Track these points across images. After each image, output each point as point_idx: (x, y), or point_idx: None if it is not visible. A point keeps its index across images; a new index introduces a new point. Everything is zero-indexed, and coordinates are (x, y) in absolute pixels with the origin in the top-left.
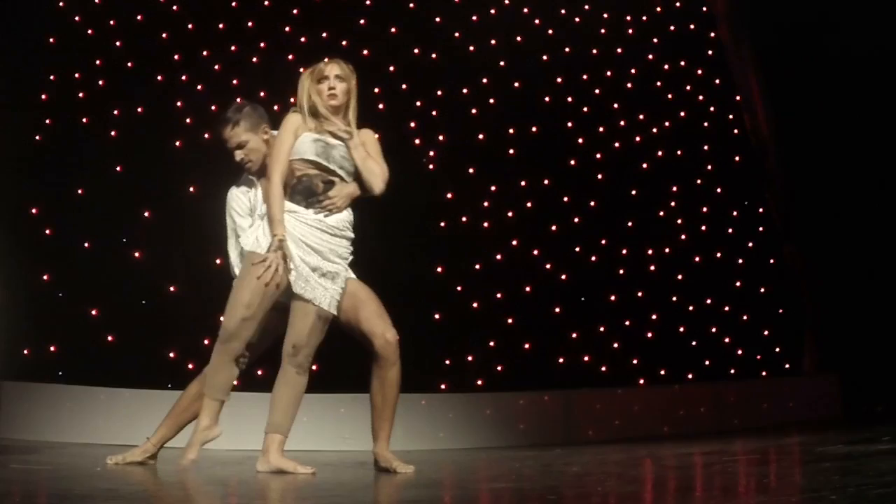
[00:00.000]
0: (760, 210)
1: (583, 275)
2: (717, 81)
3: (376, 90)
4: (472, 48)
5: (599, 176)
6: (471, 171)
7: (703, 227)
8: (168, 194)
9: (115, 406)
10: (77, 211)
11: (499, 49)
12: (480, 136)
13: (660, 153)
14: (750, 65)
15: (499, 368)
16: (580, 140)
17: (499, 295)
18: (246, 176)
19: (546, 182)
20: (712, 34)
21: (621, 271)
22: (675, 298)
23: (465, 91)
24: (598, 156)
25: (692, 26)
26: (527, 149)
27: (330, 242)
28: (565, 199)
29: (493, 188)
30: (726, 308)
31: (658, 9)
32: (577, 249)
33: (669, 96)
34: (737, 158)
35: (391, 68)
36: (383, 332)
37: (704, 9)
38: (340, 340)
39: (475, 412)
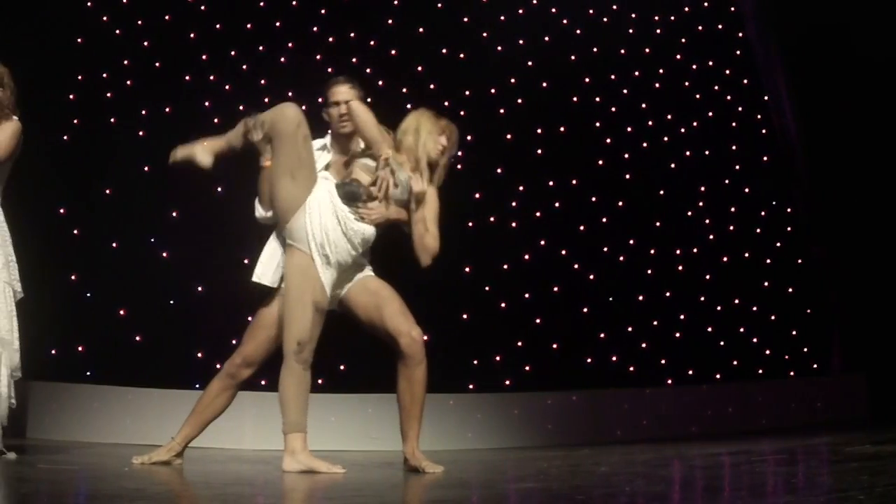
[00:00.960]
0: (788, 210)
1: (611, 275)
2: (745, 81)
3: (404, 90)
4: (499, 48)
5: (627, 176)
6: (499, 170)
7: (731, 227)
8: (196, 194)
9: (142, 406)
10: (105, 211)
11: (527, 49)
12: (508, 136)
13: (688, 153)
14: (778, 64)
15: (527, 368)
16: (608, 140)
17: (527, 295)
18: None
19: (574, 182)
20: (740, 34)
21: (649, 271)
22: (702, 298)
23: (492, 91)
24: (626, 155)
25: (720, 26)
26: (555, 149)
27: (344, 244)
28: (593, 198)
29: (520, 188)
30: (754, 308)
31: (686, 8)
32: (605, 249)
33: (697, 96)
34: (765, 158)
35: (419, 68)
36: (409, 331)
37: (732, 8)
38: (366, 341)
39: (503, 412)
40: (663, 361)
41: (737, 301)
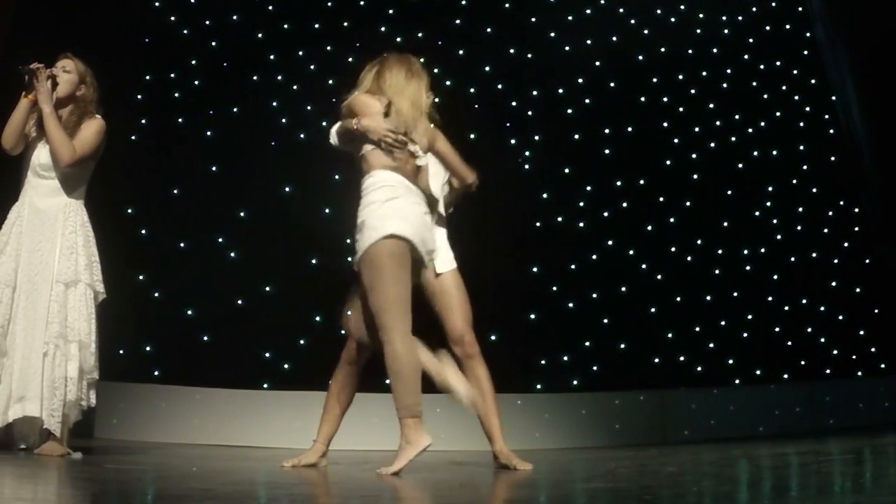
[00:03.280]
0: (856, 210)
1: (678, 275)
2: (813, 81)
3: (472, 90)
4: (567, 48)
5: (695, 176)
6: (566, 171)
7: (799, 227)
8: (263, 194)
9: (210, 406)
10: (172, 211)
11: (594, 49)
12: (576, 136)
13: (755, 153)
14: (845, 64)
15: (594, 368)
16: (676, 140)
17: (594, 295)
18: None
19: (641, 182)
20: (808, 34)
21: (717, 271)
22: (770, 298)
23: (560, 91)
24: (694, 156)
25: (788, 26)
26: (622, 149)
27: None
28: (661, 199)
29: (588, 188)
30: (822, 308)
31: (753, 9)
32: (673, 249)
33: (765, 96)
34: (832, 158)
35: (486, 68)
36: (462, 335)
37: (800, 8)
38: (432, 341)
39: (571, 412)
40: (731, 361)
41: (804, 301)
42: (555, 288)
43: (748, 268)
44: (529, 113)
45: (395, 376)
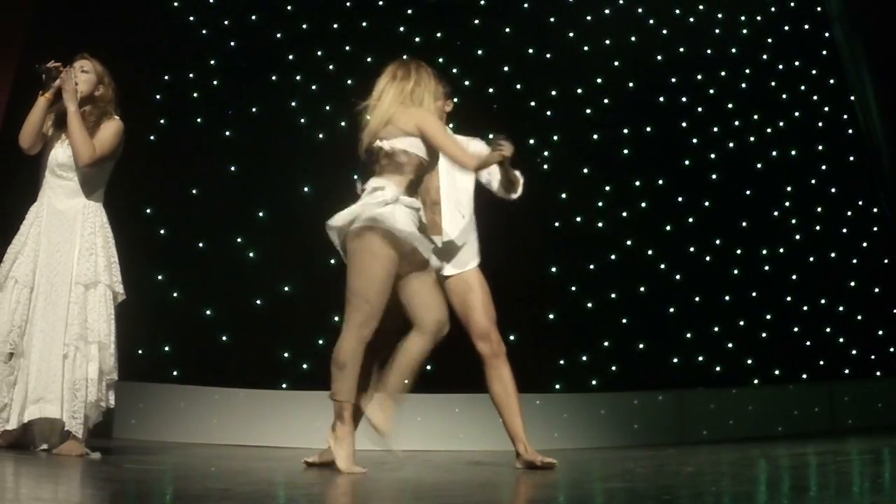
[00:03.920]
0: (875, 210)
1: (697, 275)
2: (832, 81)
3: (490, 90)
4: (586, 48)
5: (713, 176)
6: (585, 171)
7: (818, 227)
8: (282, 194)
9: (229, 406)
10: (191, 211)
11: (613, 49)
12: (595, 136)
13: (774, 153)
14: (864, 64)
15: (613, 368)
16: (694, 140)
17: (613, 295)
18: None
19: (660, 182)
20: (827, 34)
21: (735, 271)
22: (789, 298)
23: (579, 91)
24: (713, 156)
25: (806, 26)
26: (641, 149)
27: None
28: (679, 199)
29: (607, 188)
30: (840, 308)
31: (772, 9)
32: (691, 249)
33: (784, 96)
34: (851, 158)
35: (505, 68)
36: (487, 333)
37: (819, 8)
38: (452, 341)
39: (589, 412)
40: (749, 361)
41: (823, 301)
42: (573, 288)
43: (767, 268)
44: (548, 113)
45: (338, 367)
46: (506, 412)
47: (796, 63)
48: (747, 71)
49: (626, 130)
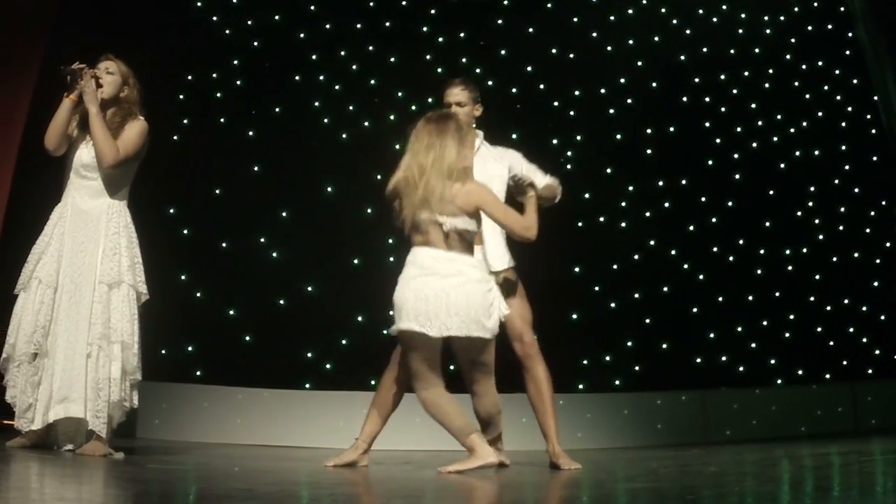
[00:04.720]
0: None
1: (720, 275)
2: (855, 81)
3: (514, 90)
4: (609, 48)
5: (737, 176)
6: (608, 170)
7: (841, 227)
8: (305, 194)
9: (252, 406)
10: (214, 211)
11: (636, 49)
12: (618, 136)
13: (797, 153)
14: (888, 64)
15: (636, 368)
16: (718, 140)
17: (636, 295)
18: None
19: (683, 182)
20: (850, 34)
21: (758, 271)
22: (812, 298)
23: (602, 91)
24: (736, 156)
25: (829, 26)
26: (664, 149)
27: None
28: (703, 199)
29: (630, 188)
30: (864, 308)
31: (795, 9)
32: (715, 249)
33: (807, 96)
34: (874, 158)
35: (528, 68)
36: (521, 335)
37: (842, 8)
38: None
39: (613, 412)
40: (773, 361)
41: (846, 301)
42: (597, 288)
43: (790, 268)
44: (571, 113)
45: (437, 414)
46: (538, 412)
47: (819, 63)
48: (770, 71)
49: (649, 130)
